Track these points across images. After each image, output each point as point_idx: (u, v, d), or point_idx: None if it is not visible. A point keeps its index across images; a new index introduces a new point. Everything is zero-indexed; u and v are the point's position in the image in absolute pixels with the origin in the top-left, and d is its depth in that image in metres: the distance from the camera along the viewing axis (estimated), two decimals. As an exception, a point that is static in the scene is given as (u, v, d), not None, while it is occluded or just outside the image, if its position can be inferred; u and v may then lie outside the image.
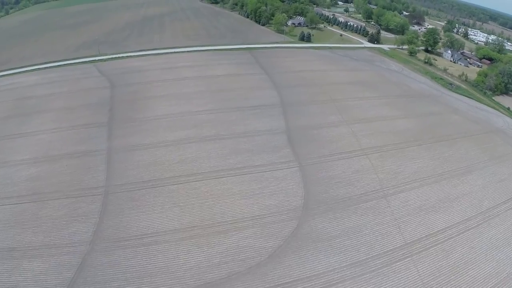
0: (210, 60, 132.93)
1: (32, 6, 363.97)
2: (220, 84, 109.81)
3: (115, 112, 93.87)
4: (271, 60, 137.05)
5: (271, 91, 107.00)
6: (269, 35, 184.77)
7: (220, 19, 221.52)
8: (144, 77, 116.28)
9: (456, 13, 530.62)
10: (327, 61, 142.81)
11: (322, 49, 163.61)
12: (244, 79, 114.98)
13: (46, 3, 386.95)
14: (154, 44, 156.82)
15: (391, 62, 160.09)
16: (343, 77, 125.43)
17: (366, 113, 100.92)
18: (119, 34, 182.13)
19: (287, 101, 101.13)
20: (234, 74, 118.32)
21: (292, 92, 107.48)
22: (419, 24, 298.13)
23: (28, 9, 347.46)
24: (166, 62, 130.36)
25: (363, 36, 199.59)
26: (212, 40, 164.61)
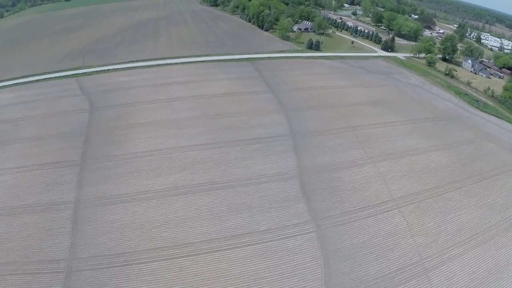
0: (206, 74, 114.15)
1: (28, 9, 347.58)
2: (217, 106, 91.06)
3: (90, 145, 75.28)
4: (276, 73, 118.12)
5: (278, 116, 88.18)
6: (273, 42, 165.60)
7: (220, 24, 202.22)
8: (129, 97, 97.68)
9: (462, 14, 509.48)
10: (340, 74, 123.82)
11: (333, 58, 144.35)
12: (245, 99, 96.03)
13: (42, 5, 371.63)
14: (146, 54, 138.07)
15: (409, 74, 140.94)
16: (361, 96, 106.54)
17: (393, 144, 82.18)
18: (110, 42, 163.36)
19: (297, 130, 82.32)
20: (234, 93, 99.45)
21: (303, 117, 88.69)
22: (430, 28, 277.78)
23: (23, 12, 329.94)
24: (156, 77, 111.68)
25: (375, 43, 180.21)
26: (210, 49, 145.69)
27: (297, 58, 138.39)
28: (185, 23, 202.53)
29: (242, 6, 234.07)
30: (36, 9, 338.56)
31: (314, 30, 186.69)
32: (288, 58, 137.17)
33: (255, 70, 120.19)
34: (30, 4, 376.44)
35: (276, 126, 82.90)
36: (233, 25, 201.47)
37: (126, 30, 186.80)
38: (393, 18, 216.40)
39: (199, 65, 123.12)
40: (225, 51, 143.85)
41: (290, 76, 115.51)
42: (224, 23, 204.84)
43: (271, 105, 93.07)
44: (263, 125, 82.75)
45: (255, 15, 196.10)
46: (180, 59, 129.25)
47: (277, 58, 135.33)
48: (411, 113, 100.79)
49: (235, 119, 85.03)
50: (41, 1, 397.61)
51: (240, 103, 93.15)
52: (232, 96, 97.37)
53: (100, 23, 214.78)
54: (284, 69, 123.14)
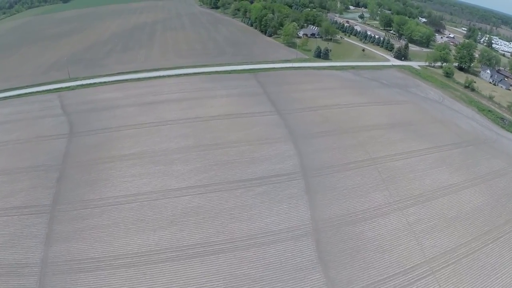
0: (203, 90, 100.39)
1: (25, 11, 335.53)
2: (215, 132, 77.26)
3: (64, 184, 61.55)
4: (282, 88, 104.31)
5: (286, 145, 74.33)
6: (277, 49, 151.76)
7: (220, 29, 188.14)
8: (114, 119, 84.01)
9: (467, 16, 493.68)
10: (354, 89, 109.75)
11: (344, 69, 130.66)
12: (247, 123, 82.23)
13: (39, 7, 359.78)
14: (138, 64, 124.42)
15: (427, 87, 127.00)
16: (379, 116, 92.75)
17: (421, 181, 68.33)
18: (101, 49, 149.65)
19: (310, 165, 68.45)
20: (234, 115, 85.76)
21: (315, 146, 74.81)
22: (440, 32, 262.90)
23: (20, 14, 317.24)
24: (147, 93, 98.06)
25: (387, 50, 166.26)
26: (209, 58, 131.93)
27: (305, 69, 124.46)
28: (182, 28, 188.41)
29: (243, 9, 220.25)
30: (33, 11, 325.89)
31: (321, 35, 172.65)
32: (294, 69, 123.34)
33: (258, 84, 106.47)
34: (27, 6, 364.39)
35: (284, 160, 69.13)
36: (234, 30, 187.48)
37: (120, 36, 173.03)
38: (403, 22, 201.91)
39: (195, 78, 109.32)
40: (224, 60, 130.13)
41: (298, 92, 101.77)
42: (224, 28, 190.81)
43: (278, 131, 79.36)
44: (269, 159, 69.01)
45: (258, 19, 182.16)
46: (174, 70, 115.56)
47: (282, 69, 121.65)
48: (436, 137, 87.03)
49: (236, 149, 71.30)
50: (38, 3, 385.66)
51: (242, 128, 79.40)
52: (232, 118, 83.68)
53: (93, 27, 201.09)
54: (291, 82, 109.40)
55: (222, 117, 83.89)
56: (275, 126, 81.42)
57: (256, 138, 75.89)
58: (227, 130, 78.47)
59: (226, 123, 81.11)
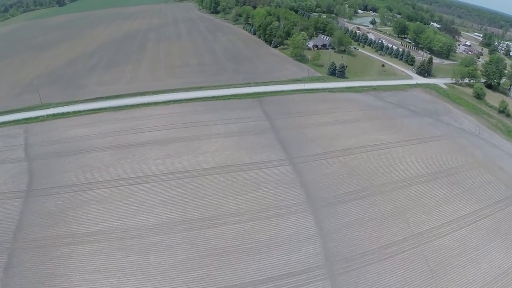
0: (195, 125, 78.87)
1: (19, 15, 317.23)
2: (208, 198, 55.61)
3: (9, 278, 41.86)
4: (294, 121, 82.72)
5: (303, 218, 52.88)
6: (284, 64, 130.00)
7: (219, 38, 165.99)
8: (82, 170, 62.76)
9: (476, 19, 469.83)
10: (380, 120, 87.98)
11: (365, 90, 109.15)
12: (251, 180, 60.59)
13: (33, 11, 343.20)
14: (121, 85, 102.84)
15: (459, 113, 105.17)
16: (415, 162, 71.32)
17: (477, 268, 48.06)
18: (84, 63, 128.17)
19: (337, 252, 47.45)
20: (233, 166, 64.46)
21: (342, 218, 53.54)
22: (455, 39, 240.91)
23: (14, 19, 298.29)
24: (126, 130, 76.73)
25: (407, 63, 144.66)
26: (205, 77, 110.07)
27: (319, 92, 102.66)
28: (178, 37, 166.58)
29: (245, 14, 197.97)
30: (26, 16, 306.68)
31: (333, 46, 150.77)
32: (307, 91, 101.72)
33: (264, 115, 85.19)
34: (22, 10, 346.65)
35: (301, 245, 47.85)
36: (235, 39, 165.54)
37: (108, 46, 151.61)
38: (420, 30, 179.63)
39: (187, 106, 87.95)
40: (223, 80, 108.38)
41: (313, 127, 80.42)
42: (224, 37, 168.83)
43: (292, 194, 58.10)
44: (280, 245, 47.84)
45: (262, 28, 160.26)
46: (163, 95, 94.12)
47: (292, 92, 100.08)
48: (483, 191, 65.98)
49: (235, 229, 50.12)
50: (34, 6, 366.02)
51: (243, 190, 58.06)
52: (230, 173, 62.35)
53: (83, 35, 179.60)
54: (304, 112, 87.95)
55: (217, 171, 62.79)
56: (288, 185, 60.27)
57: (263, 207, 54.86)
58: (223, 193, 57.44)
59: (223, 181, 60.01)
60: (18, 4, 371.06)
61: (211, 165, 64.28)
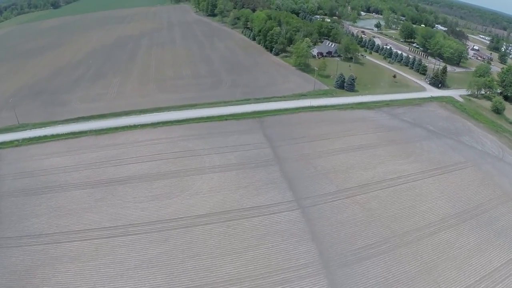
0: (186, 154, 67.10)
1: (13, 18, 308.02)
2: (199, 259, 44.13)
3: None
4: (301, 149, 70.65)
5: (317, 286, 42.93)
6: (288, 74, 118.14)
7: (217, 44, 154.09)
8: (54, 214, 52.00)
9: (477, 20, 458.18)
10: (397, 145, 75.99)
11: (377, 106, 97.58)
12: (252, 232, 49.17)
13: (29, 14, 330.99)
14: (106, 102, 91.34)
15: (479, 132, 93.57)
16: (441, 198, 60.12)
17: None
18: (69, 74, 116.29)
19: None
20: (231, 212, 52.95)
21: (362, 282, 42.36)
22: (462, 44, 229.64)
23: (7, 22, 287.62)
24: (107, 160, 65.29)
25: (418, 73, 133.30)
26: (199, 92, 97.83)
27: (327, 109, 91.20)
28: (172, 43, 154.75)
29: (244, 18, 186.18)
30: (20, 18, 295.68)
31: (339, 54, 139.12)
32: (313, 109, 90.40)
33: (266, 140, 73.80)
34: (16, 13, 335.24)
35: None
36: (233, 45, 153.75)
37: (97, 54, 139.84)
38: (430, 35, 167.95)
39: (177, 129, 76.23)
40: (220, 94, 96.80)
41: (323, 156, 69.00)
42: (221, 42, 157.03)
43: (301, 250, 46.83)
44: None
45: (262, 33, 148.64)
46: (151, 115, 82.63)
47: (297, 110, 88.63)
48: None
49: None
50: (28, 9, 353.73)
51: (243, 246, 46.68)
52: (228, 222, 51.09)
53: (72, 41, 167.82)
54: (312, 136, 76.40)
55: (212, 219, 51.58)
56: (296, 237, 49.00)
57: (267, 270, 43.71)
58: (219, 250, 46.20)
59: (219, 234, 48.82)
60: (13, 6, 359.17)
61: (205, 211, 53.11)
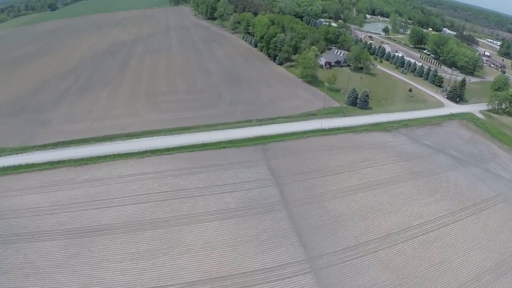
0: (177, 194, 56.10)
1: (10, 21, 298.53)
2: None
3: None
4: (312, 188, 59.68)
5: None
6: (294, 88, 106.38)
7: (215, 51, 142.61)
8: (23, 271, 41.50)
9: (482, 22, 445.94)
10: (422, 178, 64.44)
11: (394, 127, 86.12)
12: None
13: (26, 16, 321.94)
14: (89, 123, 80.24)
15: (506, 157, 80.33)
16: (473, 249, 49.33)
17: None
18: (55, 87, 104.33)
19: None
20: (229, 278, 41.74)
21: None
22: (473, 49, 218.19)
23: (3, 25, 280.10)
24: (84, 201, 54.21)
25: (433, 84, 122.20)
26: (195, 110, 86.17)
27: (340, 132, 79.79)
28: (168, 49, 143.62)
29: (245, 22, 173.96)
30: (16, 21, 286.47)
31: (348, 63, 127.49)
32: (324, 133, 79.27)
33: (271, 175, 62.50)
34: (13, 15, 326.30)
35: None
36: (233, 52, 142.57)
37: (87, 63, 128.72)
38: (442, 42, 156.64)
39: (167, 161, 64.71)
40: (218, 114, 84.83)
41: (338, 197, 57.63)
42: (220, 50, 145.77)
43: None
44: None
45: (265, 40, 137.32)
46: (138, 140, 71.67)
47: (306, 134, 77.14)
48: None
49: None
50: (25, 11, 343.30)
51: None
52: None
53: (64, 47, 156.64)
54: (323, 168, 64.96)
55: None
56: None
57: None
58: None
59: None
60: (10, 8, 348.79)
61: (196, 277, 42.35)
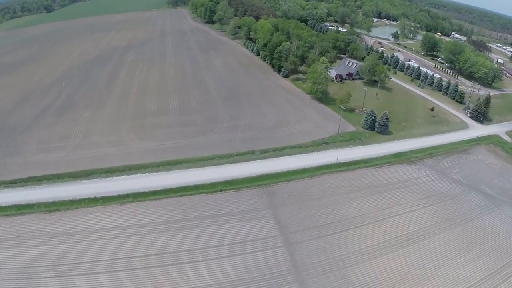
0: (162, 259, 42.92)
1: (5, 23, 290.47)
2: None
3: None
4: (329, 248, 46.31)
5: None
6: (302, 107, 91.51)
7: (214, 59, 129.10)
8: None
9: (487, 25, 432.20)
10: (455, 228, 52.35)
11: (419, 157, 72.29)
12: None
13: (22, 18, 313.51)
14: (66, 152, 67.06)
15: None
16: None
17: None
18: (35, 104, 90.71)
19: None
20: None
21: None
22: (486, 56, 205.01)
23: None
24: (52, 264, 41.68)
25: (453, 100, 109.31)
26: (187, 138, 72.65)
27: (359, 167, 66.22)
28: (161, 58, 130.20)
29: (246, 27, 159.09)
30: (11, 23, 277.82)
31: (360, 76, 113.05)
32: (340, 169, 65.53)
33: (278, 231, 48.76)
34: (9, 17, 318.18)
35: None
36: (233, 62, 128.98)
37: (74, 72, 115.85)
38: (458, 51, 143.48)
39: (151, 210, 51.64)
40: (213, 143, 71.05)
41: (362, 260, 44.74)
42: (219, 58, 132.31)
43: None
44: None
45: (268, 49, 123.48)
46: (119, 178, 58.76)
47: (318, 171, 63.93)
48: None
49: None
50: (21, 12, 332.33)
51: None
52: None
53: (52, 54, 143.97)
54: (342, 219, 51.62)
55: None
56: None
57: None
58: None
59: None
60: (6, 10, 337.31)
61: None
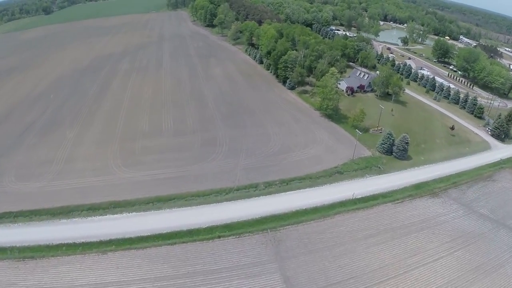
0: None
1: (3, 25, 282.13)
2: None
3: None
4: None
5: None
6: (311, 127, 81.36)
7: (213, 69, 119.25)
8: None
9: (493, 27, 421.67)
10: (485, 277, 43.84)
11: (442, 188, 62.47)
12: None
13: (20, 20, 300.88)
14: (45, 182, 58.65)
15: None
16: None
17: None
18: (19, 120, 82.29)
19: None
20: None
21: None
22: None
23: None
24: None
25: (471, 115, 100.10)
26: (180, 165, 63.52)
27: (377, 203, 56.99)
28: (157, 67, 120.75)
29: (248, 32, 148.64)
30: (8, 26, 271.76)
31: (373, 89, 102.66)
32: (356, 206, 56.23)
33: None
34: (7, 19, 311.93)
35: None
36: (234, 71, 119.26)
37: (63, 83, 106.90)
38: (473, 59, 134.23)
39: (136, 262, 42.47)
40: (211, 174, 61.63)
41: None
42: (219, 66, 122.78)
43: None
44: None
45: (272, 58, 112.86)
46: (101, 217, 49.57)
47: (331, 210, 54.71)
48: None
49: None
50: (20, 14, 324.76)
51: None
52: None
53: (44, 61, 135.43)
54: (361, 274, 41.65)
55: None
56: None
57: None
58: None
59: None
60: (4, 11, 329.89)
61: None
